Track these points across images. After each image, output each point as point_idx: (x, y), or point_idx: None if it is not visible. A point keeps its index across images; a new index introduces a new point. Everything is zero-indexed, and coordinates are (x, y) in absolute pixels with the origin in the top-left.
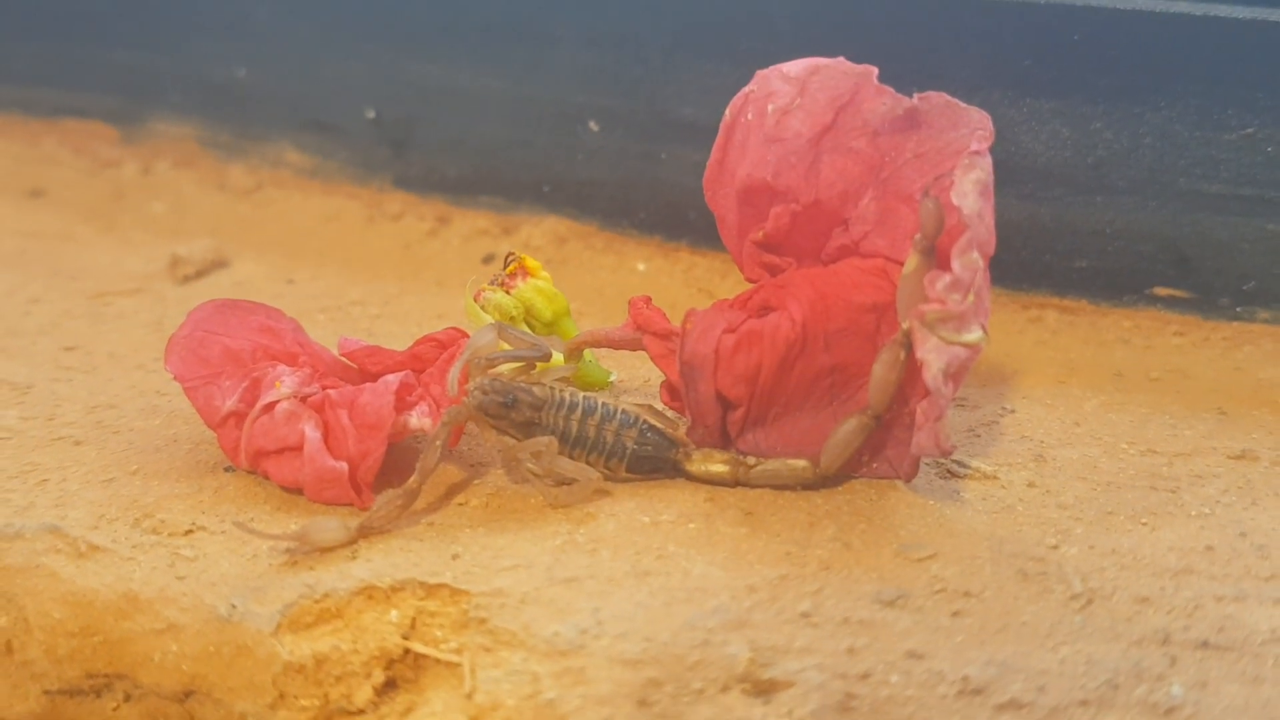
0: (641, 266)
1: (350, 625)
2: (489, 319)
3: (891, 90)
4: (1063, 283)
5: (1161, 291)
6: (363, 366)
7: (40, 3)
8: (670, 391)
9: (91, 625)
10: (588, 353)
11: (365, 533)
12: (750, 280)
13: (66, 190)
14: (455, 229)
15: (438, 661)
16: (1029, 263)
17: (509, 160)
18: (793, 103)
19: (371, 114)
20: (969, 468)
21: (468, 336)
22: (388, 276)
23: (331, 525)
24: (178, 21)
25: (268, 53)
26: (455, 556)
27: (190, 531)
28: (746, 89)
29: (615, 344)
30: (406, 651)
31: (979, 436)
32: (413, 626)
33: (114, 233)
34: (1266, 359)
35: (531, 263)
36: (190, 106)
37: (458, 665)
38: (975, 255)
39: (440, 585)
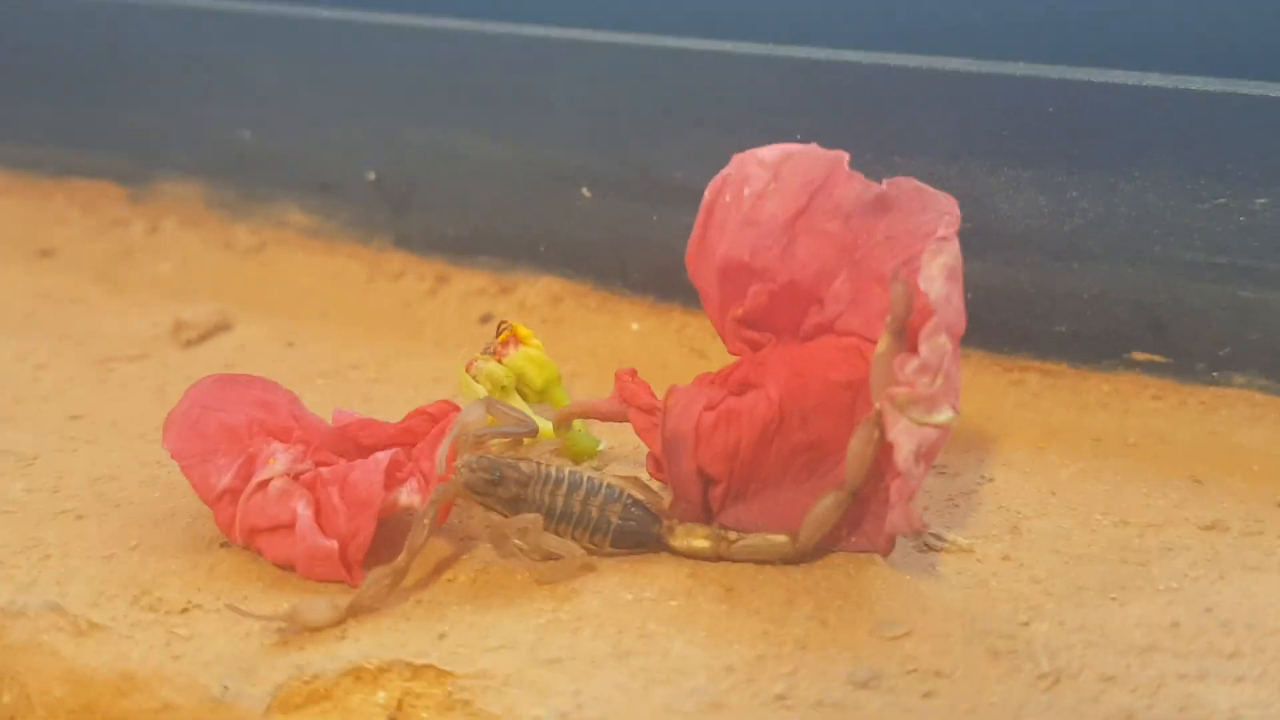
0: (635, 326)
1: (338, 706)
2: (481, 390)
3: (862, 176)
4: (1043, 346)
5: (1139, 356)
6: (356, 439)
7: (51, 66)
8: (656, 464)
9: (91, 703)
10: (577, 422)
11: (354, 612)
12: (733, 353)
13: (75, 249)
14: (454, 288)
15: None
16: (1010, 326)
17: (506, 222)
18: (767, 187)
19: (372, 176)
20: (945, 540)
21: (459, 410)
22: (387, 337)
23: (321, 605)
24: (185, 85)
25: (272, 116)
26: (442, 636)
27: (186, 610)
28: (724, 172)
29: (603, 415)
30: None
31: (957, 506)
32: (399, 708)
33: (122, 293)
34: (1241, 423)
35: (523, 331)
36: (197, 167)
37: None
38: (943, 339)
39: (427, 666)
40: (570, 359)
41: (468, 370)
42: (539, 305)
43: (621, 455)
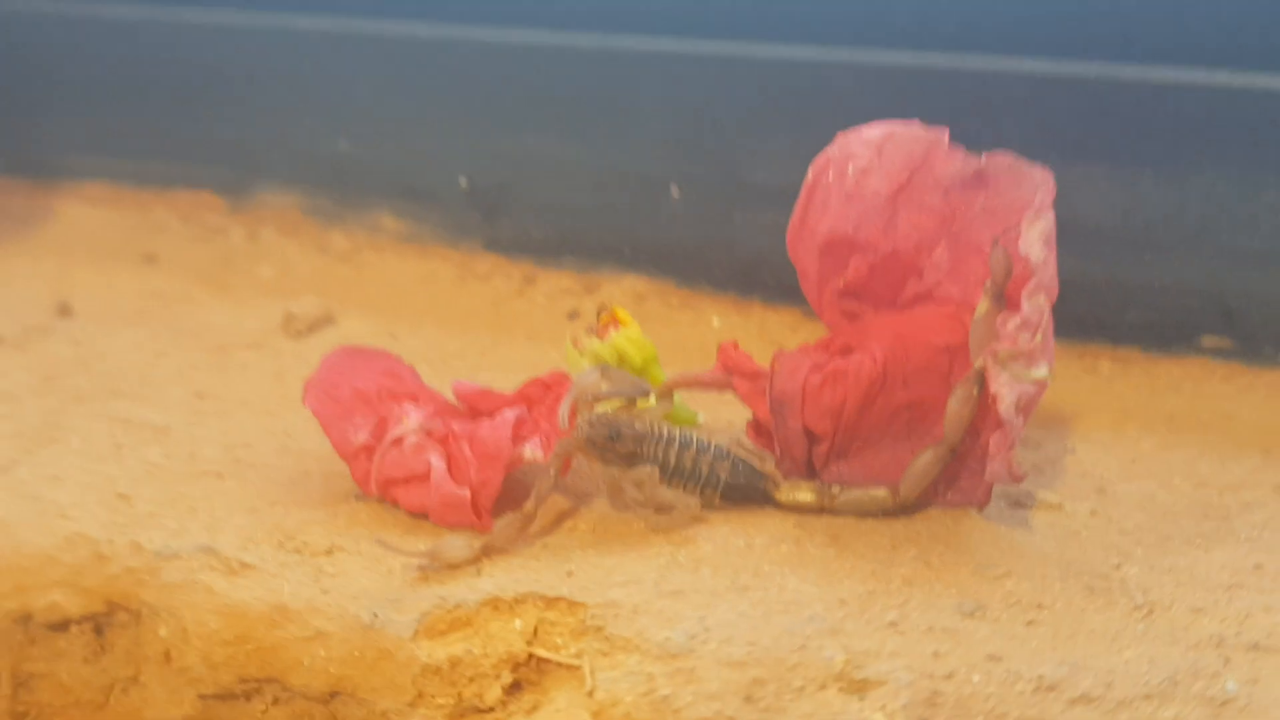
0: (716, 322)
1: (480, 632)
2: (586, 363)
3: (961, 151)
4: (1116, 334)
5: (1209, 341)
6: (475, 407)
7: (154, 83)
8: (756, 429)
9: (245, 634)
10: (677, 396)
11: (488, 552)
12: (830, 326)
13: (178, 256)
14: (540, 287)
15: (559, 665)
16: (1083, 316)
17: (591, 224)
18: (871, 164)
19: (464, 182)
20: (1036, 499)
21: (570, 378)
22: (481, 332)
23: (459, 544)
24: (283, 97)
25: (367, 127)
26: (570, 574)
27: (330, 551)
28: (827, 151)
29: (705, 385)
30: (531, 656)
31: (1044, 473)
32: (535, 634)
33: (227, 294)
34: None
35: (623, 314)
36: (294, 177)
37: (578, 668)
38: (1042, 298)
39: (559, 598)
40: None
41: (575, 346)
42: (624, 302)
43: (716, 428)
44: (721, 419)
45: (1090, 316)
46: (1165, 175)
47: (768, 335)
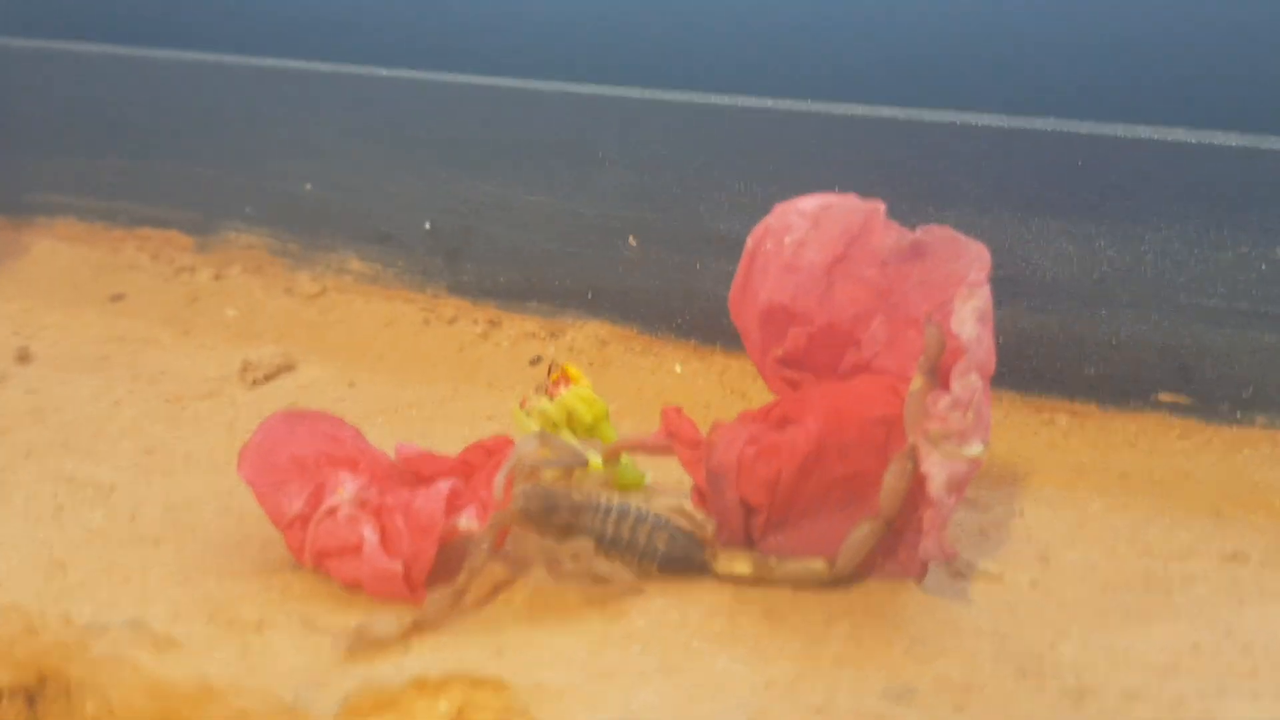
0: (679, 368)
1: (404, 714)
2: (534, 425)
3: (897, 225)
4: (1072, 388)
5: (1165, 397)
6: (417, 471)
7: (123, 122)
8: (699, 495)
9: (170, 712)
10: (624, 456)
11: (419, 628)
12: (773, 392)
13: (145, 295)
14: (505, 332)
15: None
16: (1041, 369)
17: (556, 269)
18: (807, 235)
19: (428, 225)
20: (976, 569)
21: (513, 444)
22: (442, 378)
23: (387, 622)
24: (251, 140)
25: (333, 169)
26: (500, 651)
27: (260, 626)
28: (766, 220)
29: (649, 450)
30: None
31: (988, 537)
32: (460, 716)
33: (190, 336)
34: (1263, 462)
35: (573, 371)
36: (261, 218)
37: None
38: (974, 377)
39: (486, 679)
40: (616, 399)
41: (522, 407)
42: (587, 348)
43: (666, 488)
44: (672, 478)
45: (1047, 371)
46: (1121, 230)
47: (729, 383)
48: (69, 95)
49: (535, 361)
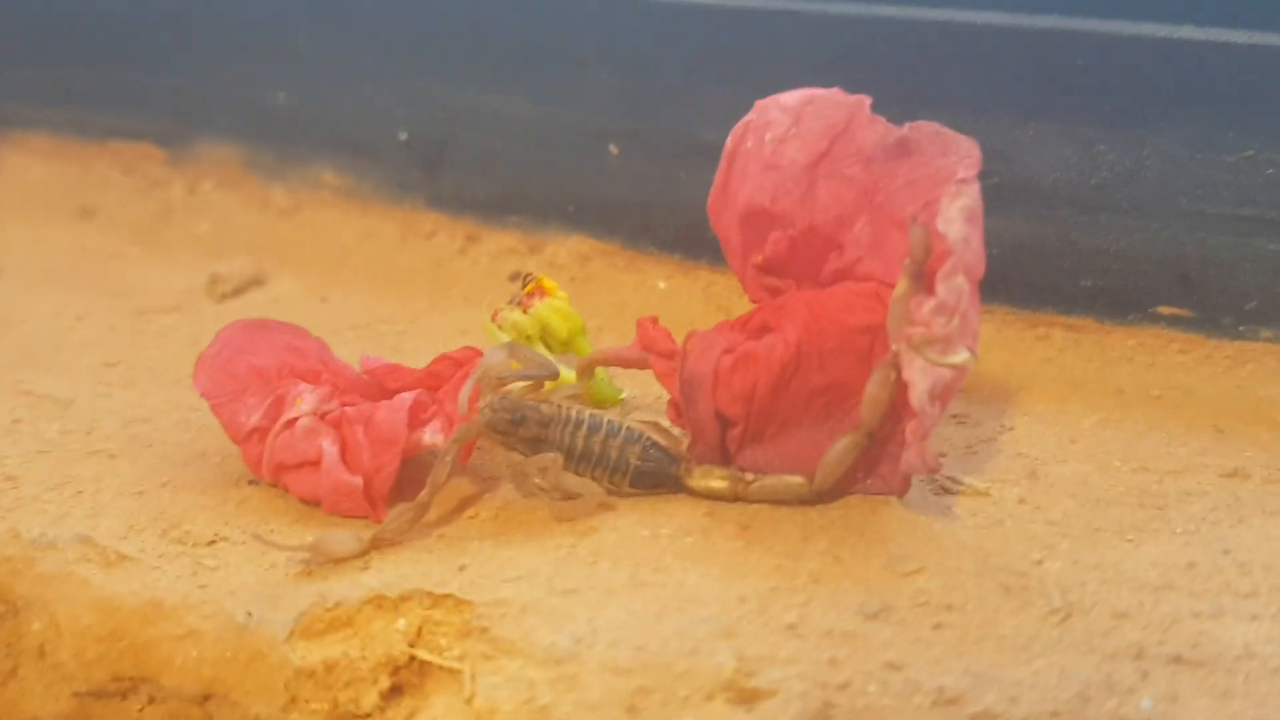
0: (662, 284)
1: (360, 633)
2: (506, 339)
3: (883, 120)
4: (1068, 301)
5: (1165, 310)
6: (382, 384)
7: (93, 29)
8: (676, 409)
9: (118, 630)
10: (600, 370)
11: (377, 545)
12: (754, 301)
13: (116, 209)
14: (484, 247)
15: (441, 668)
16: (1035, 282)
17: (536, 181)
18: (789, 131)
19: (404, 136)
20: (962, 484)
21: (482, 355)
22: (418, 294)
23: (345, 538)
24: (223, 48)
25: (307, 78)
26: (462, 568)
27: (213, 542)
28: (746, 118)
29: (624, 362)
30: (412, 658)
31: (975, 453)
32: (419, 634)
33: (160, 250)
34: (1268, 377)
35: (548, 283)
36: (234, 129)
37: (459, 672)
38: (960, 280)
39: (446, 595)
40: (598, 316)
41: (494, 320)
42: (568, 264)
43: (643, 404)
44: (650, 393)
45: (1043, 283)
46: (1122, 134)
47: (714, 299)
48: (38, 6)
49: (515, 277)
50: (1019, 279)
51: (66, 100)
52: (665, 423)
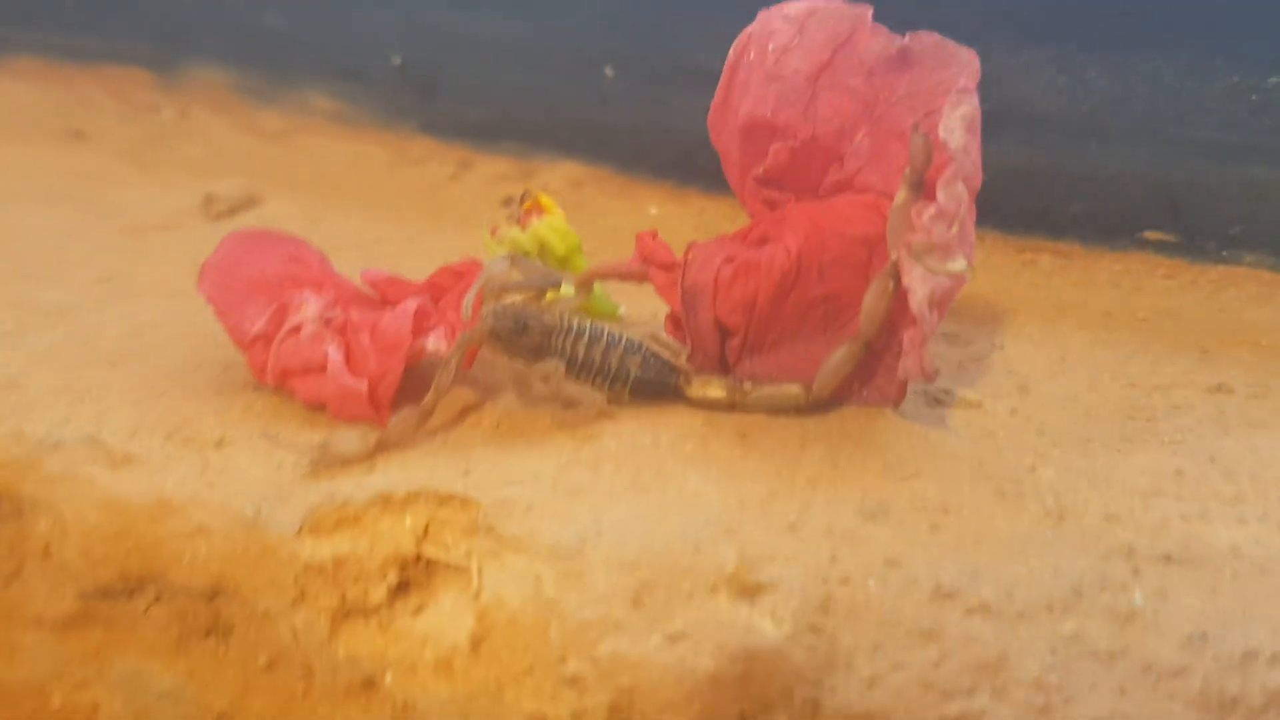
0: (654, 210)
1: (367, 531)
2: (503, 253)
3: (886, 30)
4: (1057, 227)
5: (1151, 235)
6: (383, 294)
7: None
8: (674, 322)
9: (126, 529)
10: (597, 286)
11: (383, 447)
12: (751, 214)
13: (106, 133)
14: (476, 173)
15: (448, 565)
16: (1024, 207)
17: (529, 107)
18: (792, 41)
19: (398, 61)
20: (956, 397)
21: (483, 266)
22: (411, 217)
23: (352, 439)
24: None
25: (298, 1)
26: (466, 471)
27: (220, 443)
28: (749, 28)
29: (623, 276)
30: (419, 556)
31: (968, 370)
32: (425, 533)
33: (151, 173)
34: (1250, 301)
35: (546, 201)
36: (225, 53)
37: (466, 568)
38: (960, 187)
39: (452, 495)
40: (590, 241)
41: (493, 235)
42: (560, 189)
43: (640, 320)
44: (647, 310)
45: (1032, 208)
46: (1111, 59)
47: (706, 226)
48: None
49: (508, 202)
50: (1008, 204)
51: (53, 23)
52: (663, 336)
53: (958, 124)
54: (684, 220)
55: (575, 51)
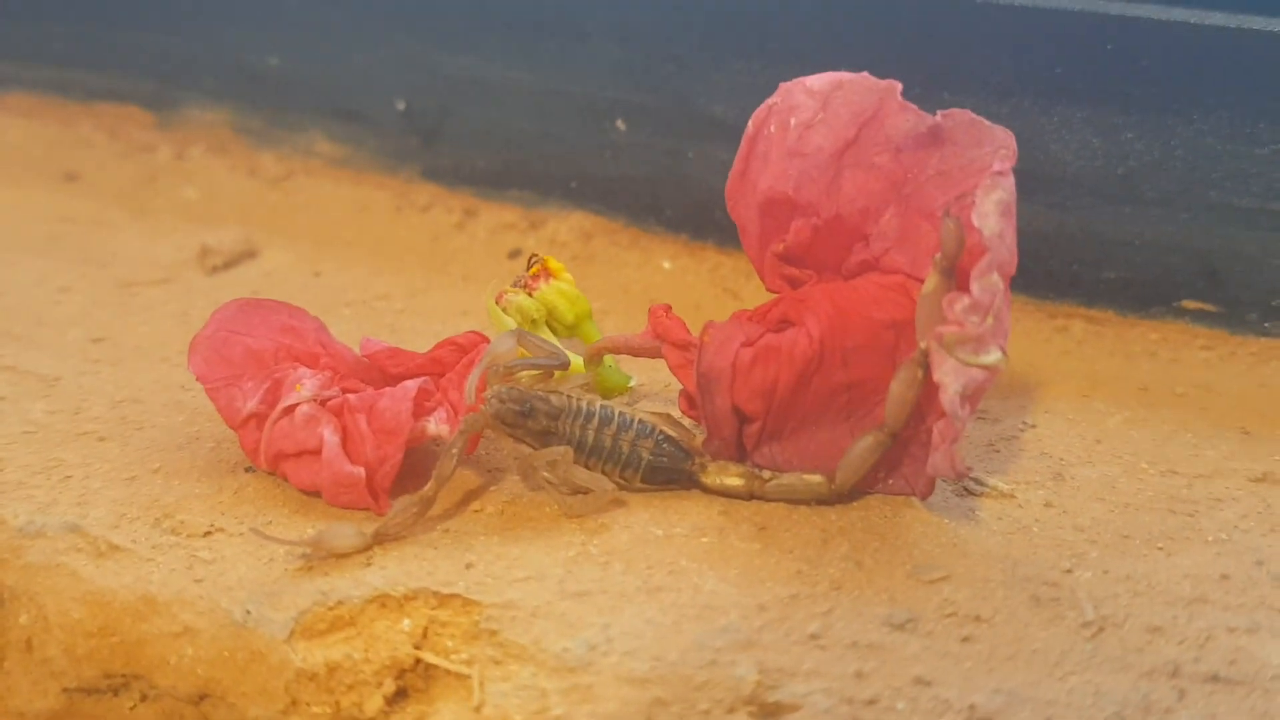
0: (667, 264)
1: (363, 633)
2: (510, 321)
3: (915, 107)
4: (1090, 293)
5: (1190, 304)
6: (384, 368)
7: None
8: (688, 400)
9: (110, 625)
10: (608, 357)
11: (380, 539)
12: (771, 290)
13: (101, 174)
14: (482, 222)
15: (448, 672)
16: (1057, 272)
17: (537, 154)
18: (815, 117)
19: (402, 105)
20: (986, 486)
21: (488, 341)
22: (414, 269)
23: (347, 532)
24: (213, 7)
25: (300, 41)
26: (469, 566)
27: (209, 533)
28: (770, 101)
29: (635, 351)
30: (418, 661)
31: (998, 452)
32: (424, 636)
33: (146, 218)
34: None
35: (554, 264)
36: (224, 93)
37: (467, 677)
38: (995, 277)
39: (453, 595)
40: (601, 297)
41: (497, 302)
42: (569, 241)
43: (652, 392)
44: (658, 381)
45: (1064, 273)
46: (1151, 121)
47: (721, 282)
48: None
49: (515, 255)
50: (1039, 269)
51: (49, 59)
52: (677, 414)
53: (992, 209)
54: (698, 275)
55: (585, 100)
